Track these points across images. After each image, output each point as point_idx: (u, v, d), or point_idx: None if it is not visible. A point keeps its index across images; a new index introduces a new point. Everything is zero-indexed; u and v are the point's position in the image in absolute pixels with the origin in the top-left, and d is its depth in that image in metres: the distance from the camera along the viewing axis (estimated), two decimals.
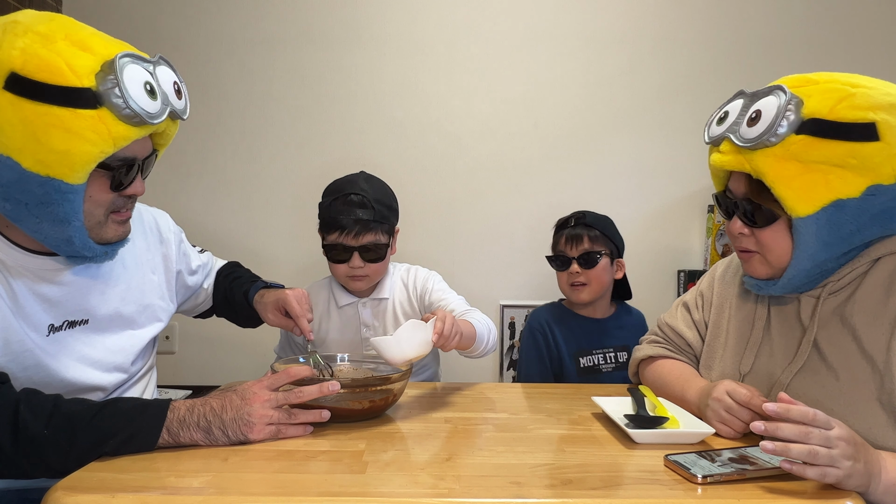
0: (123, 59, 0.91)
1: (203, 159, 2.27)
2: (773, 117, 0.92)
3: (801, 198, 0.93)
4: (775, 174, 0.93)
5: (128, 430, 0.88)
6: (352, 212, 1.46)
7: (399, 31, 2.28)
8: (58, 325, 1.03)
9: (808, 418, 0.79)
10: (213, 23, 2.27)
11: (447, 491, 0.78)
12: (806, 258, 0.98)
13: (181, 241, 1.34)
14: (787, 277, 1.01)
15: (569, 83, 2.30)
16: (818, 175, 0.91)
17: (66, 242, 0.97)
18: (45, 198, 0.91)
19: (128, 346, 1.14)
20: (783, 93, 0.94)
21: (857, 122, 0.89)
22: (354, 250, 1.49)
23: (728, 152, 0.99)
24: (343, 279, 1.56)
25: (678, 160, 2.29)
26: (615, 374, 1.68)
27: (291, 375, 1.01)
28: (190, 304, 1.44)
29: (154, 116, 0.94)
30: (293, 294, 1.30)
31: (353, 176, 1.56)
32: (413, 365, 1.17)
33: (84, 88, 0.87)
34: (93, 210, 0.98)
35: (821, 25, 2.28)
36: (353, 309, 1.61)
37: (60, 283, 1.03)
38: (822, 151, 0.90)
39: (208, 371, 2.29)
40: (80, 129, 0.87)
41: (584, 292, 1.67)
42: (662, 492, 0.78)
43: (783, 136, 0.91)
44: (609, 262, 1.69)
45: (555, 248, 1.75)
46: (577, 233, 1.69)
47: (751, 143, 0.94)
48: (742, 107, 1.00)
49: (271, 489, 0.77)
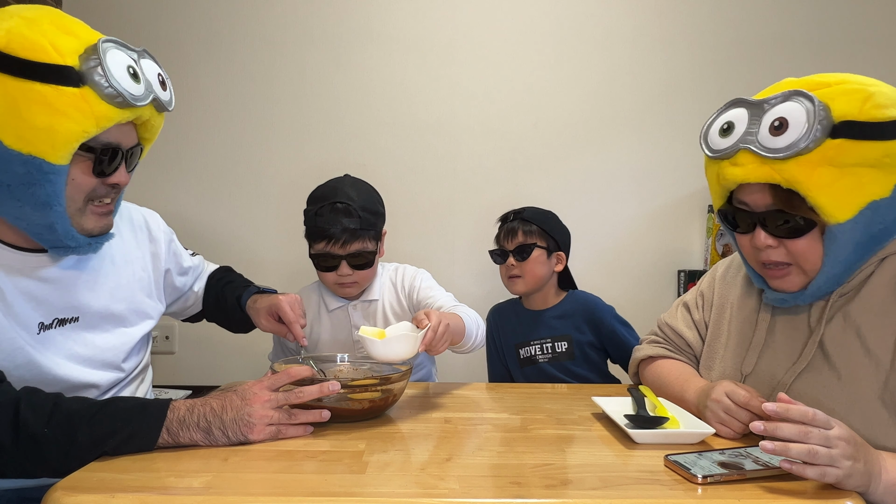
0: (107, 44, 0.94)
1: (198, 160, 2.27)
2: (805, 123, 0.90)
3: (840, 203, 0.91)
4: (811, 182, 0.90)
5: (127, 429, 0.88)
6: (338, 221, 1.45)
7: (399, 30, 2.28)
8: (48, 322, 1.03)
9: (808, 418, 0.79)
10: (212, 23, 2.27)
11: (447, 491, 0.78)
12: (839, 263, 0.96)
13: (171, 241, 1.34)
14: (816, 285, 0.99)
15: (569, 83, 2.30)
16: (853, 178, 0.90)
17: (49, 229, 0.97)
18: (27, 178, 0.91)
19: (119, 344, 1.14)
20: (806, 98, 0.91)
21: (888, 121, 0.88)
22: (342, 259, 1.48)
23: (749, 163, 0.95)
24: (332, 286, 1.56)
25: (678, 160, 2.29)
26: (553, 364, 1.69)
27: (292, 376, 1.01)
28: (178, 307, 1.43)
29: (137, 99, 0.96)
30: (286, 300, 1.30)
31: (338, 181, 1.55)
32: (413, 365, 1.17)
33: (67, 66, 0.89)
34: (74, 195, 0.98)
35: (821, 25, 2.29)
36: (343, 312, 1.61)
37: (48, 279, 1.03)
38: (858, 153, 0.88)
39: (208, 371, 2.29)
40: (63, 105, 0.88)
41: (520, 284, 1.71)
42: (662, 492, 0.78)
43: (820, 142, 0.89)
44: (545, 255, 1.71)
45: (496, 242, 1.80)
46: (512, 227, 1.73)
47: (782, 152, 0.91)
48: (750, 116, 0.96)
49: (271, 489, 0.77)
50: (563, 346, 1.70)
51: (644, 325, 1.53)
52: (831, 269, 0.97)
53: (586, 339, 1.69)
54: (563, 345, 1.70)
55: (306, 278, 1.76)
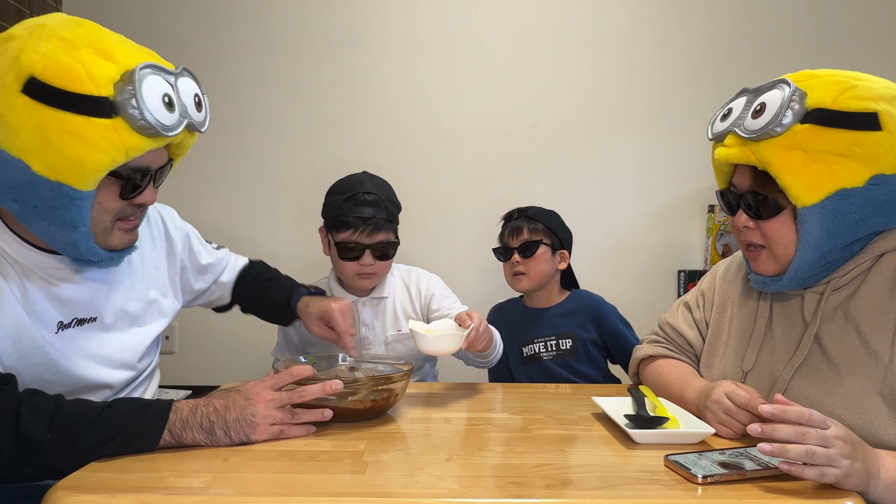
0: (144, 70, 0.91)
1: (203, 158, 2.26)
2: (777, 108, 0.94)
3: (807, 186, 0.94)
4: (781, 164, 0.94)
5: (129, 431, 0.88)
6: (365, 210, 1.49)
7: (399, 31, 2.28)
8: (67, 322, 1.03)
9: (804, 418, 0.79)
10: (212, 23, 2.27)
11: (447, 491, 0.78)
12: (810, 248, 0.98)
13: (188, 237, 1.33)
14: (792, 270, 1.02)
15: (569, 83, 2.30)
16: (823, 164, 0.92)
17: (72, 246, 0.98)
18: (54, 202, 0.91)
19: (134, 344, 1.15)
20: (787, 85, 0.96)
21: (860, 112, 0.90)
22: (367, 248, 1.50)
23: (733, 145, 1.01)
24: (351, 277, 1.56)
25: (678, 160, 2.29)
26: (557, 362, 1.69)
27: (294, 375, 1.02)
28: (203, 300, 1.45)
29: (169, 129, 0.94)
30: (338, 308, 1.31)
31: (359, 175, 1.58)
32: (414, 366, 1.18)
33: (101, 97, 0.87)
34: (100, 216, 0.98)
35: (821, 25, 2.29)
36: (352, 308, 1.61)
37: (72, 281, 1.04)
38: (826, 140, 0.91)
39: (208, 371, 2.29)
40: (94, 137, 0.87)
41: (524, 281, 1.72)
42: (662, 492, 0.78)
43: (788, 126, 0.93)
44: (550, 253, 1.72)
45: (500, 240, 1.80)
46: (518, 224, 1.74)
47: (756, 133, 0.96)
48: (746, 102, 1.02)
49: (272, 489, 0.78)
50: (567, 344, 1.70)
51: (644, 325, 1.53)
52: (804, 255, 0.99)
53: (590, 338, 1.69)
54: (568, 342, 1.70)
55: (312, 276, 1.75)
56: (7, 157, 0.88)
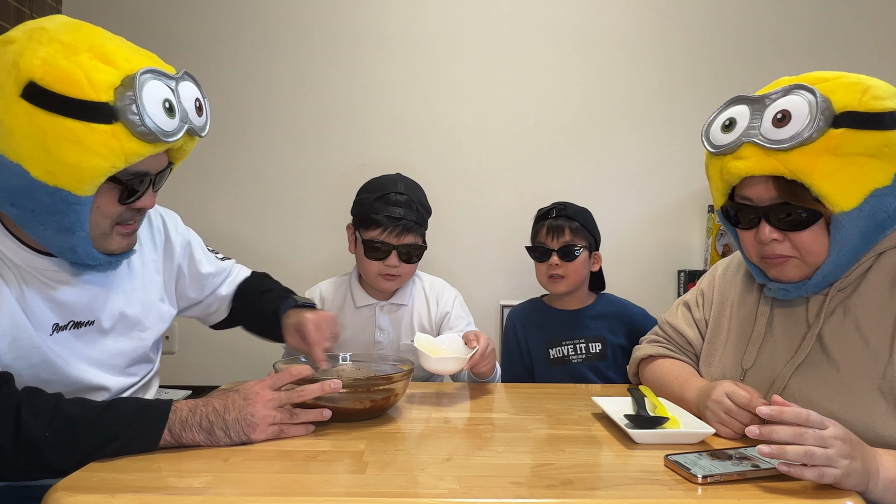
0: (144, 76, 0.90)
1: (204, 161, 2.26)
2: (807, 114, 0.92)
3: (844, 192, 0.92)
4: (816, 171, 0.92)
5: (129, 432, 0.88)
6: (396, 211, 1.48)
7: (400, 31, 2.28)
8: (63, 324, 1.03)
9: (802, 419, 0.79)
10: (213, 23, 2.27)
11: (447, 491, 0.78)
12: (845, 252, 0.98)
13: (188, 244, 1.31)
14: (821, 275, 1.00)
15: (569, 83, 2.30)
16: (855, 167, 0.92)
17: (70, 251, 0.98)
18: (52, 207, 0.90)
19: (132, 348, 1.14)
20: (808, 91, 0.93)
21: (886, 112, 0.90)
22: (394, 249, 1.49)
23: (752, 156, 0.96)
24: (374, 277, 1.54)
25: (678, 160, 2.29)
26: (585, 364, 1.67)
27: (293, 375, 1.02)
28: (199, 312, 1.40)
29: (170, 135, 0.93)
30: (313, 319, 1.23)
31: (393, 176, 1.57)
32: (414, 366, 1.18)
33: (101, 103, 0.86)
34: (99, 221, 0.97)
35: (821, 25, 2.28)
36: (370, 311, 1.60)
37: (70, 284, 1.03)
38: (860, 143, 0.91)
39: (208, 371, 2.29)
40: (93, 143, 0.86)
41: (562, 284, 1.67)
42: (662, 492, 0.78)
43: (823, 131, 0.91)
44: (587, 255, 1.69)
45: (534, 239, 1.74)
46: (558, 224, 1.67)
47: (785, 143, 0.93)
48: (752, 111, 0.98)
49: (272, 489, 0.78)
50: (597, 348, 1.68)
51: None
52: (837, 259, 0.98)
53: (618, 342, 1.68)
54: (598, 346, 1.68)
55: (319, 277, 1.75)
56: (5, 161, 0.87)
